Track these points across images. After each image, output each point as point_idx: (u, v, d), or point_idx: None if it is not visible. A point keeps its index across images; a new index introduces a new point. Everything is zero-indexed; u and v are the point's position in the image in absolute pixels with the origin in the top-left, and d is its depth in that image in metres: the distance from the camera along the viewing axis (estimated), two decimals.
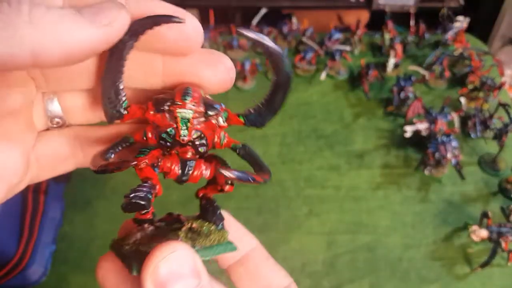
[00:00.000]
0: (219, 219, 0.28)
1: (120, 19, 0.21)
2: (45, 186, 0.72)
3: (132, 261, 0.25)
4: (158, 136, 0.26)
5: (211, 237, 0.26)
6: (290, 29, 1.08)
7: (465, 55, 1.00)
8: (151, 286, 0.22)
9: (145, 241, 0.26)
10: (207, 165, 0.27)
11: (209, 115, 0.25)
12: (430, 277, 0.69)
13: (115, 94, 0.24)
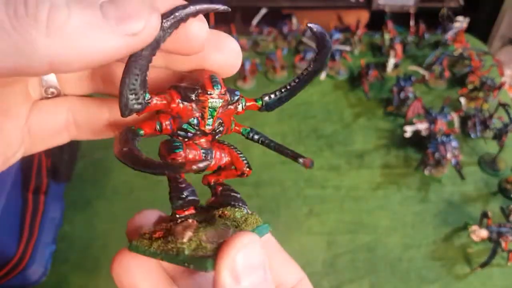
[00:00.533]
0: (244, 203, 0.27)
1: (150, 26, 0.19)
2: (45, 186, 0.72)
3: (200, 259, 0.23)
4: (178, 127, 0.25)
5: (249, 221, 0.26)
6: (290, 29, 1.09)
7: (465, 55, 1.00)
8: (228, 276, 0.21)
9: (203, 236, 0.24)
10: (222, 151, 0.27)
11: (233, 102, 0.25)
12: (430, 277, 0.69)
13: (141, 84, 0.22)
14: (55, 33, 0.17)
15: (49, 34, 0.17)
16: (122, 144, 0.23)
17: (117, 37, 0.18)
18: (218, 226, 0.24)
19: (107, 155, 0.86)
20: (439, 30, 1.08)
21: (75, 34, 0.17)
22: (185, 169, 0.20)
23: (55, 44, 0.17)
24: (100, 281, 0.69)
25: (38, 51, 0.17)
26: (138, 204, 0.78)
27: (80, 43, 0.17)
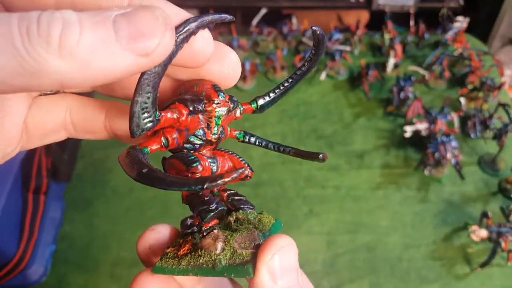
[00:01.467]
0: (251, 204, 0.28)
1: (163, 45, 0.18)
2: (46, 187, 0.72)
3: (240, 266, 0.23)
4: (185, 140, 0.25)
5: (264, 221, 0.26)
6: (290, 29, 1.09)
7: (465, 55, 1.00)
8: (266, 274, 0.22)
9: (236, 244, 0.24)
10: (223, 157, 0.27)
11: (232, 109, 0.25)
12: (430, 277, 0.69)
13: (153, 102, 0.21)
14: (67, 55, 0.17)
15: (60, 55, 0.16)
16: (137, 166, 0.22)
17: (129, 57, 0.18)
18: (242, 231, 0.25)
19: (107, 155, 0.86)
20: (439, 30, 1.08)
21: (86, 55, 0.17)
22: (224, 181, 0.19)
23: (66, 65, 0.17)
24: (100, 281, 0.70)
25: (49, 72, 0.17)
26: (138, 204, 0.78)
27: (92, 64, 0.17)
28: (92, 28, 0.17)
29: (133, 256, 0.72)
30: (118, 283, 0.69)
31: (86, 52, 0.17)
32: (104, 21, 0.17)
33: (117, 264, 0.71)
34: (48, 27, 0.16)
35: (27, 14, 0.16)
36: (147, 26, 0.18)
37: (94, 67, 0.17)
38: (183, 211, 0.30)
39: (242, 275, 0.23)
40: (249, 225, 0.26)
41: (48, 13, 0.17)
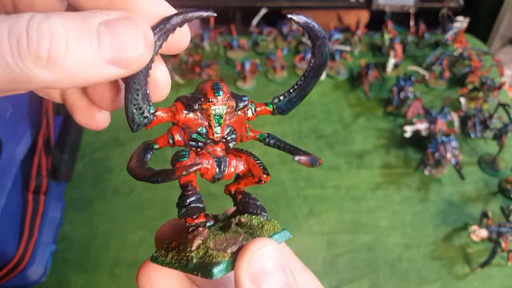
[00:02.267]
0: (263, 210, 0.27)
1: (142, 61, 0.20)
2: (46, 187, 0.72)
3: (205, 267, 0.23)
4: (189, 138, 0.25)
5: (266, 228, 0.26)
6: (290, 29, 1.09)
7: (465, 55, 1.00)
8: (246, 279, 0.22)
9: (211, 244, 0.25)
10: (238, 159, 0.27)
11: (240, 108, 0.25)
12: (430, 277, 0.69)
13: (143, 98, 0.23)
14: (54, 66, 0.18)
15: (48, 67, 0.18)
16: (134, 159, 0.25)
17: (110, 69, 0.19)
18: (228, 233, 0.25)
19: (107, 155, 0.86)
20: (439, 30, 1.08)
21: (72, 67, 0.18)
22: (176, 175, 0.21)
23: (53, 75, 0.18)
24: (100, 280, 0.70)
25: (37, 80, 0.18)
26: (138, 204, 0.78)
27: (76, 73, 0.18)
28: (77, 40, 0.18)
29: (133, 256, 0.72)
30: (118, 283, 0.69)
31: (71, 64, 0.18)
32: (89, 33, 0.18)
33: (117, 264, 0.71)
34: (38, 42, 0.17)
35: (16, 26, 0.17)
36: (129, 42, 0.19)
37: (78, 76, 0.18)
38: None
39: (206, 276, 0.23)
40: (241, 229, 0.25)
41: (36, 23, 0.17)
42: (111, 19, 0.19)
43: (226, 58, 1.04)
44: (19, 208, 0.67)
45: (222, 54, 1.05)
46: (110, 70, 0.19)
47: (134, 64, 0.20)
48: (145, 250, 0.72)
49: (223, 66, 1.01)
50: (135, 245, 0.73)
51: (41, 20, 0.17)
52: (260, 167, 0.27)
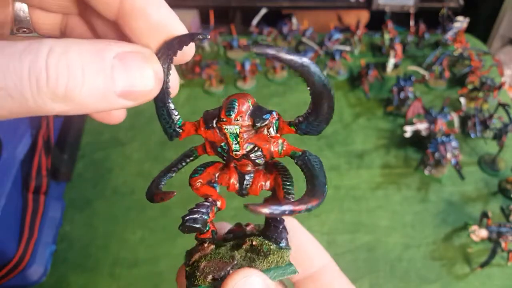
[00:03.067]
0: (280, 236, 0.26)
1: (151, 95, 0.21)
2: (46, 187, 0.72)
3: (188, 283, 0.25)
4: (214, 150, 0.26)
5: (270, 258, 0.25)
6: (290, 30, 1.09)
7: (465, 55, 1.00)
8: None
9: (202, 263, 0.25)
10: (267, 177, 0.26)
11: (258, 127, 0.24)
12: (430, 277, 0.69)
13: (167, 114, 0.25)
14: (69, 101, 0.19)
15: (64, 102, 0.19)
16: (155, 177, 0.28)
17: (121, 102, 0.20)
18: (224, 257, 0.25)
19: (107, 155, 0.86)
20: (439, 30, 1.08)
21: (85, 99, 0.19)
22: (154, 201, 0.26)
23: (66, 106, 0.19)
24: (100, 280, 0.69)
25: (49, 112, 0.19)
26: (138, 204, 0.78)
27: (87, 105, 0.19)
28: (93, 76, 0.19)
29: (133, 256, 0.72)
30: (118, 283, 0.69)
31: (85, 97, 0.19)
32: (104, 68, 0.19)
33: (117, 264, 0.71)
34: (56, 80, 0.18)
35: (37, 62, 0.18)
36: (141, 77, 0.21)
37: (89, 107, 0.20)
38: (183, 212, 0.31)
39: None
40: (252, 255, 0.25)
41: (55, 60, 0.18)
42: (125, 52, 0.20)
43: (226, 58, 1.04)
44: (19, 208, 0.67)
45: (222, 54, 1.05)
46: (119, 102, 0.20)
47: (143, 98, 0.21)
48: (145, 250, 0.72)
49: (223, 66, 1.01)
50: (135, 245, 0.73)
51: (59, 55, 0.18)
52: (284, 189, 0.26)
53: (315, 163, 0.26)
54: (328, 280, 0.28)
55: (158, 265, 0.71)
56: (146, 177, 0.83)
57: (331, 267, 0.29)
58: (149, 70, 0.21)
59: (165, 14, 0.22)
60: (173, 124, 0.25)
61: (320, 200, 0.23)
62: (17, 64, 0.18)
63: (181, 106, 0.93)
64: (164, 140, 0.83)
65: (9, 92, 0.18)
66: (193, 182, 0.26)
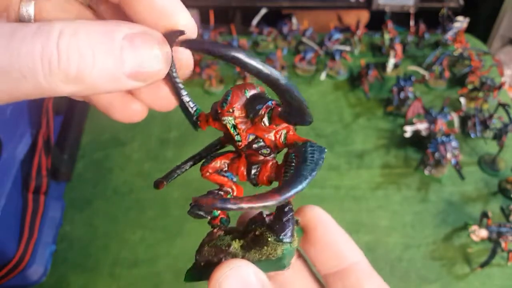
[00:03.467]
0: (282, 229, 0.25)
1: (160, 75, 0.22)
2: (46, 186, 0.72)
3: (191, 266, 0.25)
4: (228, 140, 0.27)
5: (264, 250, 0.24)
6: (290, 29, 1.09)
7: (465, 55, 1.00)
8: None
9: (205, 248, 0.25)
10: (276, 168, 0.26)
11: (252, 118, 0.24)
12: (430, 277, 0.69)
13: (185, 107, 0.26)
14: (79, 81, 0.19)
15: (74, 83, 0.19)
16: None
17: (130, 82, 0.21)
18: (223, 244, 0.25)
19: (107, 155, 0.86)
20: (439, 30, 1.08)
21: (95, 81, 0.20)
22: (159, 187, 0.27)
23: (77, 87, 0.20)
24: (100, 280, 0.69)
25: (61, 93, 0.20)
26: (138, 204, 0.78)
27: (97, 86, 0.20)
28: (102, 56, 0.19)
29: (133, 256, 0.72)
30: (118, 283, 0.69)
31: (95, 78, 0.19)
32: (113, 49, 0.20)
33: (117, 264, 0.71)
34: (68, 62, 0.19)
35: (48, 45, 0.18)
36: (149, 58, 0.21)
37: (99, 88, 0.20)
38: (183, 212, 0.31)
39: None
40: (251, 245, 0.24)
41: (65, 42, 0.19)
42: (134, 33, 0.20)
43: None
44: (19, 208, 0.67)
45: None
46: (129, 83, 0.20)
47: (152, 78, 0.21)
48: (145, 250, 0.72)
49: (223, 66, 1.01)
50: (135, 245, 0.73)
51: (70, 37, 0.19)
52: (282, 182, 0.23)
53: (310, 156, 0.23)
54: (358, 278, 0.27)
55: (158, 265, 0.71)
56: (146, 177, 0.83)
57: (363, 265, 0.28)
58: (157, 51, 0.21)
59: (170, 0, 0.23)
60: (191, 116, 0.26)
61: (281, 196, 0.20)
62: (29, 47, 0.18)
63: None
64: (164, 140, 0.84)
65: (24, 74, 0.18)
66: (202, 171, 0.26)
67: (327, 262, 0.27)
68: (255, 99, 0.25)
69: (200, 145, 0.29)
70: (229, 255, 0.24)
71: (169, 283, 0.69)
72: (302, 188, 0.21)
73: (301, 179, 0.21)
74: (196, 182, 0.28)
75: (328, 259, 0.27)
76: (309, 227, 0.28)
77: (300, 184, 0.21)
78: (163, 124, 0.90)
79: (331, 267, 0.28)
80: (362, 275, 0.27)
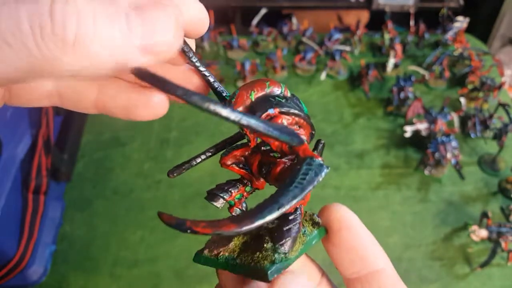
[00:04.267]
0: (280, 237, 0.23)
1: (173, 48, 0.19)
2: (46, 187, 0.72)
3: None
4: None
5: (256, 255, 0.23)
6: (290, 29, 1.08)
7: (465, 55, 1.00)
8: None
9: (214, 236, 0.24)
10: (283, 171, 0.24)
11: None
12: (430, 277, 0.69)
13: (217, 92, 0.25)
14: (80, 51, 0.16)
15: (74, 52, 0.16)
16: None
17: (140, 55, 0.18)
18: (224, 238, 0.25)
19: (107, 155, 0.86)
20: (439, 30, 1.08)
21: (100, 51, 0.17)
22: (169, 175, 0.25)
23: (79, 60, 0.16)
24: (100, 281, 0.70)
25: (61, 68, 0.16)
26: (138, 204, 0.78)
27: (103, 59, 0.17)
28: (106, 23, 0.16)
29: (133, 256, 0.72)
30: (118, 283, 0.69)
31: (100, 49, 0.16)
32: (118, 15, 0.17)
33: (117, 264, 0.71)
34: (63, 24, 0.16)
35: (37, 9, 0.15)
36: (160, 28, 0.18)
37: (106, 64, 0.17)
38: (183, 211, 0.31)
39: None
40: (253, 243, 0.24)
41: (60, 4, 0.16)
42: (140, 6, 0.18)
43: (226, 58, 1.04)
44: (19, 208, 0.67)
45: (222, 54, 1.05)
46: (140, 57, 0.18)
47: (165, 51, 0.18)
48: (145, 250, 0.72)
49: (223, 66, 1.01)
50: (135, 245, 0.73)
51: (65, 1, 0.16)
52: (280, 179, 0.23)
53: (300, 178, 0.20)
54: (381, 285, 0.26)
55: (158, 265, 0.71)
56: (146, 177, 0.83)
57: (388, 272, 0.26)
58: (169, 22, 0.18)
59: None
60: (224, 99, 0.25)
61: (238, 228, 0.17)
62: (12, 12, 0.15)
63: (181, 105, 0.93)
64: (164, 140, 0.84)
65: (7, 40, 0.15)
66: (222, 162, 0.26)
67: (351, 267, 0.25)
68: (260, 102, 0.23)
69: (200, 145, 0.29)
70: (227, 251, 0.24)
71: (169, 283, 0.69)
72: (271, 218, 0.18)
73: (273, 207, 0.18)
74: (196, 183, 0.28)
75: (351, 263, 0.25)
76: (333, 228, 0.26)
77: (270, 214, 0.18)
78: (163, 124, 0.90)
79: (354, 272, 0.26)
80: (386, 282, 0.26)
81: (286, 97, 0.23)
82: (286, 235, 0.23)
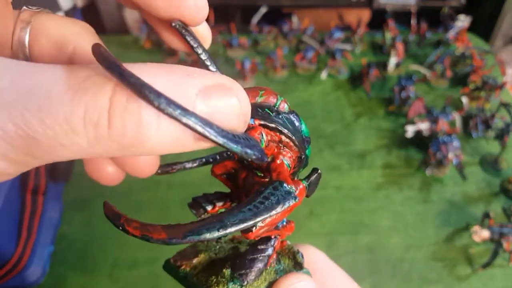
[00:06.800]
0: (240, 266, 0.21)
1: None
2: (44, 187, 0.71)
3: None
4: None
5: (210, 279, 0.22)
6: (291, 28, 1.08)
7: (467, 54, 0.99)
8: None
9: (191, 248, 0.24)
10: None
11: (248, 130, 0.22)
12: (432, 278, 0.68)
13: None
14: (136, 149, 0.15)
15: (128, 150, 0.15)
16: None
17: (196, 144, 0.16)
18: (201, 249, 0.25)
19: None
20: (441, 29, 1.07)
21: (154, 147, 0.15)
22: None
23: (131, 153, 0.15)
24: (99, 281, 0.69)
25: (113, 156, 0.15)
26: (137, 205, 0.77)
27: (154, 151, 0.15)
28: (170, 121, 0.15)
29: (132, 257, 0.72)
30: (117, 284, 0.69)
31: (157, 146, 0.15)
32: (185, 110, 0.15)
33: (116, 265, 0.70)
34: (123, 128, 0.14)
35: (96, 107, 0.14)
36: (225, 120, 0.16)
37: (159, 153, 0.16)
38: (182, 213, 0.30)
39: None
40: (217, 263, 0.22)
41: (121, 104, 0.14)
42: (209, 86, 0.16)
43: (225, 57, 1.03)
44: (17, 208, 0.66)
45: (221, 53, 1.05)
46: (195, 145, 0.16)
47: None
48: (144, 251, 0.72)
49: (222, 65, 1.01)
50: (134, 246, 0.73)
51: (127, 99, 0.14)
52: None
53: (258, 201, 0.17)
54: None
55: (157, 266, 0.70)
56: (145, 178, 0.82)
57: None
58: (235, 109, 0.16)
59: None
60: None
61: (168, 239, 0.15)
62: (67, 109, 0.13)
63: None
64: None
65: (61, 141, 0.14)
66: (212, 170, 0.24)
67: None
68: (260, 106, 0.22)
69: (201, 149, 0.29)
70: (189, 266, 0.23)
71: (169, 284, 0.68)
72: (209, 238, 0.16)
73: (214, 226, 0.16)
74: (195, 185, 0.27)
75: None
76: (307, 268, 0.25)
77: (208, 233, 0.16)
78: None
79: None
80: None
81: (278, 112, 0.21)
82: (248, 266, 0.21)
